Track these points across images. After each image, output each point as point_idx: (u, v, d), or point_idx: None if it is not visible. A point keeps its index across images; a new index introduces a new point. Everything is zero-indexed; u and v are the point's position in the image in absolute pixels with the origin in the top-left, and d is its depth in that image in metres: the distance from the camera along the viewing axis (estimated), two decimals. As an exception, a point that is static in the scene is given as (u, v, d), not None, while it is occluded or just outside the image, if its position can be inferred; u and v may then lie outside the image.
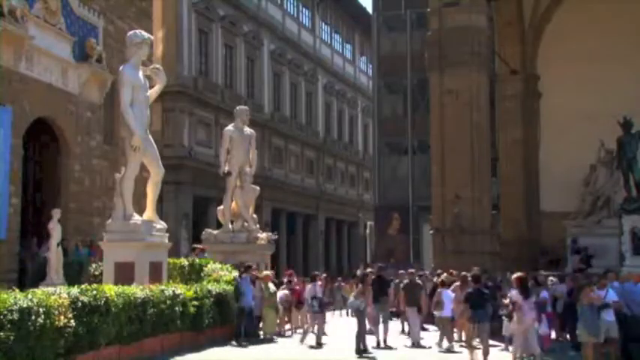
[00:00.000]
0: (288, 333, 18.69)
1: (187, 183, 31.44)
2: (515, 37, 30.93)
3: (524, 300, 12.05)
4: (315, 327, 16.43)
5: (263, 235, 21.98)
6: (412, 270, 18.75)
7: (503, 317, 13.89)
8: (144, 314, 12.63)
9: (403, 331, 18.51)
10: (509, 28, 30.93)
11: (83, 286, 11.57)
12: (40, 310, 9.74)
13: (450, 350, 15.09)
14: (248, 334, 16.15)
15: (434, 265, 23.37)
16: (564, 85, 29.19)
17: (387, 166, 39.55)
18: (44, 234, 18.63)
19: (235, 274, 17.05)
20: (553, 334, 16.11)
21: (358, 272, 20.59)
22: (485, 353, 12.89)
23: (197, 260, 18.33)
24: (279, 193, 39.16)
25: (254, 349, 15.17)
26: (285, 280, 19.59)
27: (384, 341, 16.05)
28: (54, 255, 17.59)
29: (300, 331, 17.92)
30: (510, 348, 13.20)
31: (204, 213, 31.86)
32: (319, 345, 15.77)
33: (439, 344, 15.60)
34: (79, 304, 10.81)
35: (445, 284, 16.36)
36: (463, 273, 15.71)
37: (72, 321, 10.45)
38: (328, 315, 20.29)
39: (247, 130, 22.50)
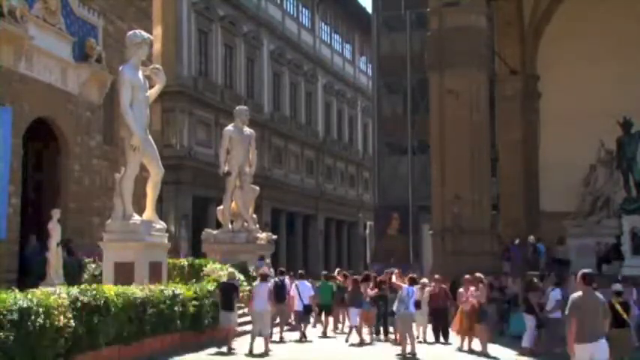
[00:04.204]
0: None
1: (187, 183, 31.43)
2: (515, 37, 30.88)
3: None
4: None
5: (263, 235, 22.00)
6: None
7: None
8: (144, 314, 12.64)
9: None
10: (509, 28, 30.87)
11: (83, 286, 11.58)
12: (40, 310, 9.75)
13: None
14: None
15: (432, 266, 23.36)
16: (564, 85, 29.12)
17: (386, 166, 39.46)
18: (44, 234, 18.59)
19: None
20: None
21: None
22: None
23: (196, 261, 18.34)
24: (278, 193, 39.14)
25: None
26: None
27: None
28: (54, 255, 17.55)
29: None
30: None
31: (204, 213, 31.84)
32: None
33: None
34: (79, 304, 10.81)
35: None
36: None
37: (72, 321, 10.45)
38: None
39: (247, 130, 22.54)
